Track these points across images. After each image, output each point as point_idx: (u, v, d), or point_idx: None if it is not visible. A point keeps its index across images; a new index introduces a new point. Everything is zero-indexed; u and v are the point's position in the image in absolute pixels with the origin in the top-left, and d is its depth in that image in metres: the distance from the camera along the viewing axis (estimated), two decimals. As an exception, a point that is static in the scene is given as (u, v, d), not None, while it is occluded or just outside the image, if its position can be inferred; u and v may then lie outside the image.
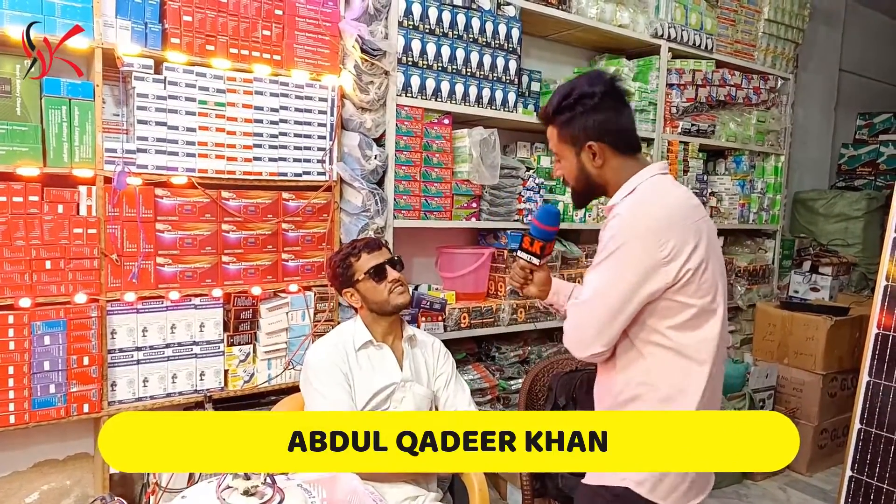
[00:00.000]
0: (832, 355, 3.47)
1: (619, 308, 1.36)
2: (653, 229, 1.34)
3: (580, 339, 1.43)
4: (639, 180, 1.45)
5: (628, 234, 1.35)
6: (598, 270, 1.41)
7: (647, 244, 1.34)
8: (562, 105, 1.46)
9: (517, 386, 2.81)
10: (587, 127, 1.45)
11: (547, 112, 1.51)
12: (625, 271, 1.35)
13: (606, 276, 1.38)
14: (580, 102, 1.44)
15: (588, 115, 1.44)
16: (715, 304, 1.40)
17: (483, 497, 1.82)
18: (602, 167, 1.47)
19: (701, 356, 1.40)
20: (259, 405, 2.30)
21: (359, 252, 1.92)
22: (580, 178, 1.51)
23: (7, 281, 1.85)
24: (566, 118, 1.47)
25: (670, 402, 1.41)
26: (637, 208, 1.39)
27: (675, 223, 1.36)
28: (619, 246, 1.35)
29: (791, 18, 4.04)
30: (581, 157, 1.48)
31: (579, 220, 3.10)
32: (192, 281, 2.14)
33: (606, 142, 1.45)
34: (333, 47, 2.34)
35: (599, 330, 1.39)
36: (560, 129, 1.49)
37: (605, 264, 1.39)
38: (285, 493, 0.98)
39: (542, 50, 3.32)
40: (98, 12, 1.93)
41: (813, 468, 3.53)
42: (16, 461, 2.12)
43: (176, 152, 2.07)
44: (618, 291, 1.36)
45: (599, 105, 1.44)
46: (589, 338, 1.40)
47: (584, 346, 1.42)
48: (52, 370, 1.93)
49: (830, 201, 4.68)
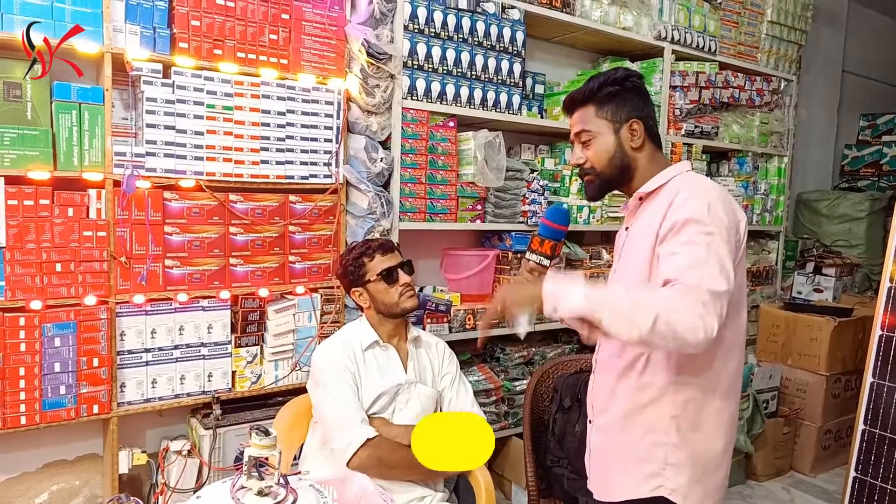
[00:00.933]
0: (836, 356, 3.47)
1: (727, 279, 1.21)
2: (725, 207, 1.30)
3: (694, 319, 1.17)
4: (673, 172, 1.43)
5: (709, 212, 1.26)
6: (688, 246, 1.24)
7: (725, 224, 1.27)
8: (609, 80, 1.45)
9: (522, 387, 2.83)
10: (633, 105, 1.45)
11: (589, 89, 1.46)
12: (720, 247, 1.24)
13: (705, 247, 1.23)
14: (628, 79, 1.45)
15: (633, 93, 1.45)
16: (743, 300, 1.40)
17: (489, 497, 1.83)
18: (639, 149, 1.45)
19: (727, 352, 1.37)
20: (266, 406, 2.32)
21: (372, 253, 1.92)
22: (614, 157, 1.45)
23: (18, 283, 1.88)
24: (612, 92, 1.44)
25: (696, 402, 1.36)
26: (697, 183, 1.36)
27: (731, 205, 1.34)
28: (708, 226, 1.25)
29: (794, 20, 4.05)
30: (621, 134, 1.45)
31: (583, 221, 3.12)
32: (200, 283, 2.16)
33: (646, 125, 1.45)
34: (340, 51, 2.36)
35: (724, 275, 1.22)
36: (601, 106, 1.46)
37: (698, 240, 1.24)
38: (298, 493, 1.00)
39: (546, 53, 3.33)
40: (108, 18, 1.95)
41: (817, 469, 3.54)
42: (26, 462, 2.14)
43: (184, 156, 2.09)
44: (719, 256, 1.23)
45: (641, 88, 1.47)
46: (711, 316, 1.18)
47: (702, 328, 1.17)
48: (63, 371, 1.95)
49: (834, 202, 4.68)
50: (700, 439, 1.37)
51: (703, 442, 1.38)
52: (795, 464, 3.58)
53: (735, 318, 1.36)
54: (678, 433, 1.37)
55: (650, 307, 1.15)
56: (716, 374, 1.37)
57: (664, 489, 1.37)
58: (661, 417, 1.38)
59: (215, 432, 2.15)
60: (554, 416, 2.19)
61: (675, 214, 1.30)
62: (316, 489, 1.05)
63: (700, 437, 1.37)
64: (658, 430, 1.38)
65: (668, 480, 1.36)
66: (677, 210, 1.30)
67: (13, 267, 1.86)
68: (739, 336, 1.40)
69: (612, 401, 1.47)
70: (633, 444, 1.42)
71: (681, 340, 1.16)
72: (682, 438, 1.37)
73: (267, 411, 2.29)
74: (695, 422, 1.37)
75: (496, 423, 2.74)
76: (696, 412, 1.37)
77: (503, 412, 2.81)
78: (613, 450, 1.47)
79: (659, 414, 1.38)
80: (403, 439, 1.78)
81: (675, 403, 1.36)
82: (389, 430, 1.80)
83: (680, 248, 1.26)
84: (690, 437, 1.37)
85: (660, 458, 1.38)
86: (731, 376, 1.39)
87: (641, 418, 1.41)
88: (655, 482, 1.37)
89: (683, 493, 1.36)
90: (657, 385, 1.38)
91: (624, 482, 1.44)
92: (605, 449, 1.50)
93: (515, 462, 2.82)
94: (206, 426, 2.16)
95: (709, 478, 1.39)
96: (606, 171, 1.47)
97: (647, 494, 1.38)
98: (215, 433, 2.15)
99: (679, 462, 1.36)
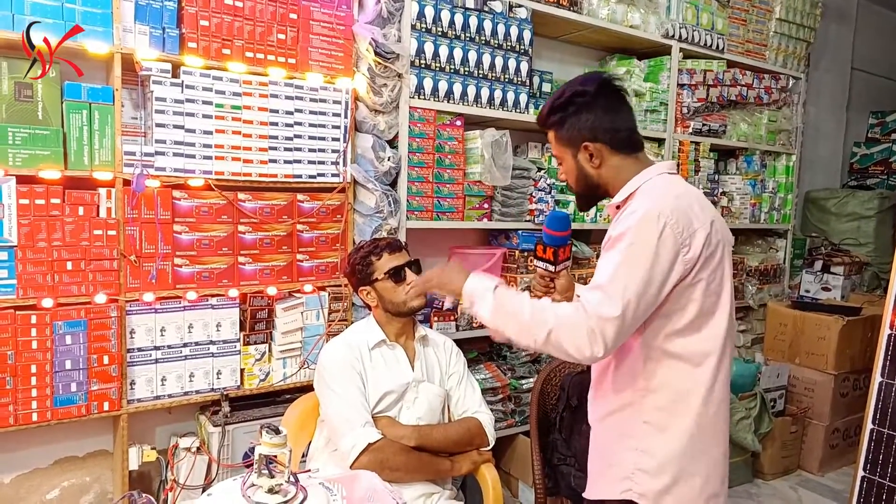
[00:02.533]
0: (844, 355, 3.46)
1: (646, 294, 1.26)
2: (670, 223, 1.27)
3: (579, 341, 1.27)
4: (642, 179, 1.40)
5: (648, 227, 1.27)
6: (617, 258, 1.29)
7: (666, 235, 1.26)
8: (554, 106, 1.44)
9: (528, 385, 2.83)
10: (581, 127, 1.41)
11: (542, 115, 1.48)
12: (639, 263, 1.26)
13: (630, 262, 1.28)
14: (572, 102, 1.41)
15: (581, 115, 1.41)
16: (722, 305, 1.36)
17: (497, 495, 1.84)
18: (600, 167, 1.42)
19: (703, 361, 1.35)
20: (274, 404, 2.33)
21: (380, 252, 1.93)
22: (580, 179, 1.46)
23: (30, 282, 1.90)
24: (559, 118, 1.43)
25: (668, 409, 1.36)
26: (654, 200, 1.32)
27: (688, 218, 1.30)
28: (633, 240, 1.27)
29: (803, 17, 4.03)
30: (578, 158, 1.44)
31: (590, 220, 3.12)
32: (209, 281, 2.17)
33: (603, 141, 1.40)
34: (347, 50, 2.37)
35: (634, 297, 1.26)
36: (556, 132, 1.46)
37: (628, 253, 1.28)
38: (308, 490, 1.01)
39: (553, 51, 3.33)
40: (117, 18, 1.96)
41: (824, 468, 3.53)
42: (37, 458, 2.16)
43: (193, 155, 2.10)
44: (644, 277, 1.26)
45: (592, 103, 1.40)
46: (621, 300, 1.26)
47: (588, 349, 1.27)
48: (74, 369, 1.97)
49: (842, 200, 4.66)
50: (671, 446, 1.36)
51: (674, 449, 1.36)
52: (803, 463, 3.58)
53: (706, 325, 1.35)
54: (647, 438, 1.37)
55: (544, 324, 1.28)
56: (690, 382, 1.36)
57: (633, 493, 1.38)
58: (633, 422, 1.39)
59: (224, 429, 2.16)
60: (561, 414, 2.19)
61: (612, 230, 1.36)
62: (325, 487, 1.06)
63: (671, 444, 1.36)
64: (630, 435, 1.40)
65: (637, 485, 1.37)
66: (615, 225, 1.36)
67: (25, 265, 1.88)
68: (713, 342, 1.36)
69: (594, 403, 1.52)
70: (608, 446, 1.45)
71: (570, 355, 1.27)
72: (651, 444, 1.37)
73: (275, 409, 2.30)
74: (666, 428, 1.36)
75: (503, 422, 2.75)
76: (667, 419, 1.36)
77: (510, 410, 2.81)
78: (594, 450, 1.52)
79: (631, 419, 1.40)
80: (409, 441, 1.78)
81: (646, 410, 1.37)
82: (395, 431, 1.80)
83: (600, 263, 1.34)
84: (658, 443, 1.37)
85: (630, 462, 1.39)
86: (706, 383, 1.36)
87: (615, 422, 1.43)
88: (625, 485, 1.39)
89: (653, 498, 1.36)
90: (630, 390, 1.39)
91: (600, 482, 1.48)
92: (591, 448, 1.54)
93: (522, 460, 2.83)
94: (215, 423, 2.18)
95: (681, 486, 1.36)
96: (579, 190, 1.51)
97: (618, 496, 1.40)
98: (224, 430, 2.16)
99: (649, 468, 1.37)
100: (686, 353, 1.35)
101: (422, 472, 1.80)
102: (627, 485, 1.38)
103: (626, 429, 1.40)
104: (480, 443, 1.94)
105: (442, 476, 1.88)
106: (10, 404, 1.88)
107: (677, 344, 1.34)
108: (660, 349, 1.35)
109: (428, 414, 1.89)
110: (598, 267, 1.35)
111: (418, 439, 1.80)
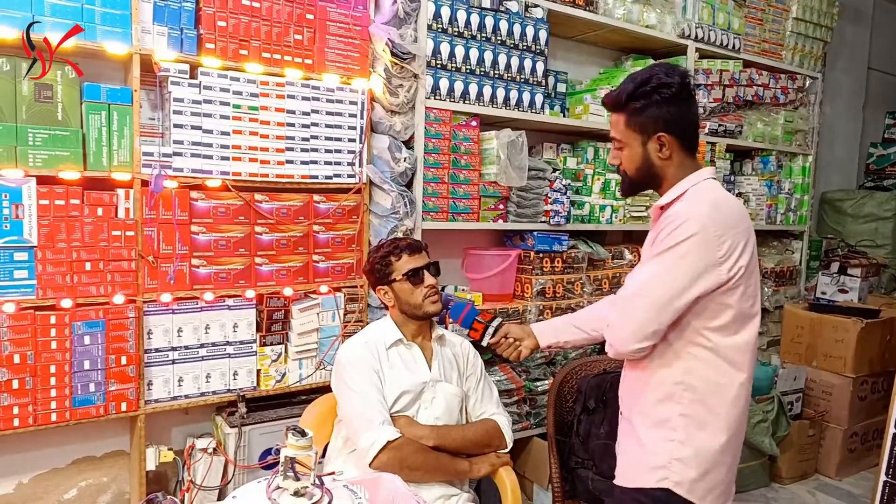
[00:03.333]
0: (862, 358, 3.42)
1: (667, 302, 1.37)
2: (711, 228, 1.35)
3: (624, 331, 1.43)
4: (691, 182, 1.46)
5: (687, 231, 1.35)
6: (650, 264, 1.41)
7: (704, 242, 1.35)
8: (638, 92, 1.44)
9: (543, 387, 2.82)
10: (661, 117, 1.44)
11: (619, 98, 1.48)
12: (679, 267, 1.36)
13: (658, 271, 1.39)
14: (658, 91, 1.43)
15: (663, 105, 1.43)
16: (755, 309, 1.44)
17: (516, 497, 1.83)
18: (667, 160, 1.47)
19: (738, 359, 1.43)
20: (291, 405, 2.33)
21: (400, 252, 1.91)
22: (642, 167, 1.50)
23: (49, 282, 1.90)
24: (641, 105, 1.45)
25: (704, 403, 1.43)
26: (695, 207, 1.39)
27: (731, 224, 1.38)
28: (677, 242, 1.36)
29: (820, 17, 3.99)
30: (648, 146, 1.47)
31: (605, 221, 3.10)
32: (226, 282, 2.17)
33: (675, 135, 1.45)
34: (364, 51, 2.36)
35: (644, 323, 1.39)
36: (630, 116, 1.47)
37: (660, 259, 1.39)
38: (333, 493, 1.00)
39: (569, 51, 3.32)
40: (136, 19, 1.97)
41: (843, 472, 3.49)
42: (56, 458, 2.17)
43: (210, 156, 2.10)
44: (668, 286, 1.37)
45: (676, 97, 1.43)
46: (632, 331, 1.41)
47: (627, 340, 1.42)
48: (92, 369, 1.98)
49: (859, 201, 4.61)
50: (706, 438, 1.44)
51: (708, 440, 1.44)
52: (821, 467, 3.54)
53: (742, 329, 1.43)
54: (685, 430, 1.44)
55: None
56: (726, 378, 1.44)
57: (669, 482, 1.44)
58: (671, 415, 1.45)
59: (241, 430, 2.16)
60: (578, 417, 2.17)
61: (657, 232, 1.43)
62: (350, 489, 1.05)
63: (706, 436, 1.44)
64: (667, 427, 1.46)
65: (674, 474, 1.44)
66: (661, 229, 1.41)
67: (45, 266, 1.89)
68: (748, 342, 1.45)
69: (631, 395, 1.57)
70: (645, 436, 1.50)
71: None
72: (689, 436, 1.44)
73: (291, 410, 2.30)
74: (702, 421, 1.44)
75: (518, 424, 2.73)
76: (705, 413, 1.44)
77: (525, 412, 2.80)
78: (628, 441, 1.57)
79: (669, 411, 1.46)
80: (427, 440, 1.77)
81: (684, 402, 1.44)
82: (414, 430, 1.79)
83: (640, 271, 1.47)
84: (697, 435, 1.44)
85: (667, 453, 1.45)
86: (741, 379, 1.44)
87: (653, 413, 1.49)
88: (662, 474, 1.45)
89: (688, 487, 1.43)
90: (668, 384, 1.46)
91: (634, 471, 1.53)
92: (624, 438, 1.60)
93: (537, 462, 2.81)
94: (232, 424, 2.18)
95: (711, 474, 1.44)
96: (636, 177, 1.54)
97: (653, 485, 1.46)
98: (241, 431, 2.16)
99: (686, 458, 1.43)
100: (724, 351, 1.42)
101: (440, 472, 1.79)
102: (664, 473, 1.44)
103: (663, 421, 1.46)
104: (499, 444, 1.93)
105: (460, 477, 1.87)
106: (30, 404, 1.89)
107: (716, 340, 1.41)
108: (699, 344, 1.42)
109: (445, 414, 1.88)
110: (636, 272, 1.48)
111: (437, 439, 1.79)
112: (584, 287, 2.98)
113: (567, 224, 2.89)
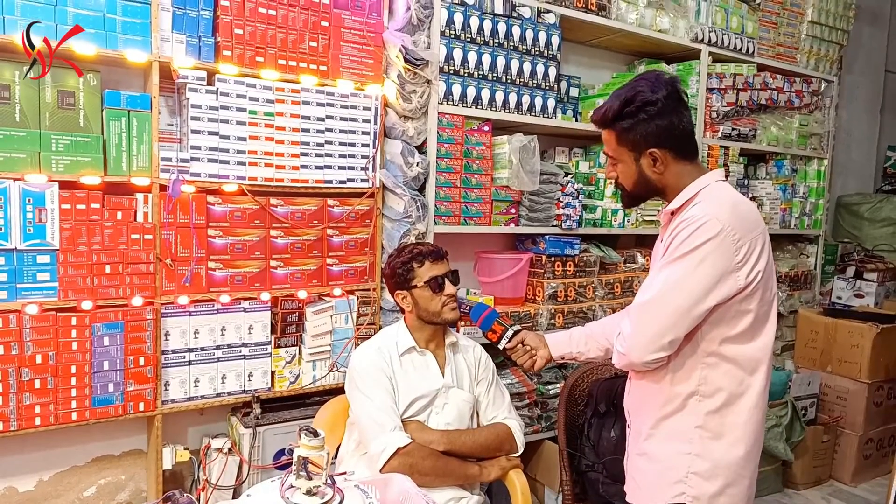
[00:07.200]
0: (878, 363, 3.39)
1: (686, 310, 1.33)
2: (730, 231, 1.32)
3: (640, 341, 1.37)
4: (700, 185, 1.43)
5: (706, 233, 1.32)
6: (666, 270, 1.37)
7: (722, 246, 1.32)
8: (623, 112, 1.43)
9: (555, 391, 2.83)
10: (648, 133, 1.42)
11: (606, 117, 1.46)
12: (698, 273, 1.32)
13: (676, 277, 1.34)
14: (643, 110, 1.41)
15: (650, 122, 1.41)
16: (773, 313, 1.41)
17: (526, 500, 1.85)
18: (663, 173, 1.44)
19: (755, 365, 1.40)
20: (304, 406, 2.36)
21: (423, 259, 1.93)
22: (639, 182, 1.48)
23: (71, 284, 1.95)
24: (627, 125, 1.43)
25: (720, 413, 1.40)
26: (713, 209, 1.35)
27: (749, 228, 1.35)
28: (696, 246, 1.32)
29: (835, 20, 3.97)
30: (641, 162, 1.45)
31: (618, 225, 3.10)
32: (242, 285, 2.21)
33: (667, 147, 1.42)
34: (377, 58, 2.39)
35: (662, 333, 1.34)
36: (619, 135, 1.46)
37: (676, 265, 1.35)
38: (344, 493, 1.03)
39: (581, 56, 3.33)
40: (156, 27, 2.01)
41: (858, 478, 3.46)
42: (74, 456, 2.21)
43: (227, 161, 2.14)
44: (687, 293, 1.32)
45: (662, 111, 1.41)
46: (648, 340, 1.36)
47: (643, 350, 1.37)
48: (111, 370, 2.02)
49: (876, 205, 4.57)
50: (723, 450, 1.40)
51: (725, 452, 1.40)
52: (835, 473, 3.51)
53: (760, 333, 1.40)
54: (701, 442, 1.40)
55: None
56: (743, 388, 1.40)
57: (686, 496, 1.40)
58: (685, 427, 1.42)
59: (255, 431, 2.20)
60: (589, 420, 2.18)
61: (670, 236, 1.40)
62: (361, 489, 1.07)
63: (723, 448, 1.40)
64: (682, 439, 1.42)
65: (691, 488, 1.40)
66: (673, 233, 1.39)
67: (66, 269, 1.94)
68: (765, 349, 1.42)
69: (641, 408, 1.52)
70: (659, 450, 1.46)
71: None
72: (705, 448, 1.40)
73: (304, 411, 2.33)
74: (718, 432, 1.40)
75: (529, 427, 2.74)
76: (719, 423, 1.40)
77: (536, 415, 2.81)
78: (641, 456, 1.52)
79: (683, 423, 1.42)
80: (438, 445, 1.79)
81: (699, 414, 1.40)
82: (425, 435, 1.81)
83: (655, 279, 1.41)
84: (713, 447, 1.40)
85: (683, 466, 1.41)
86: (758, 389, 1.41)
87: (667, 426, 1.45)
88: (679, 489, 1.41)
89: (706, 501, 1.39)
90: (682, 396, 1.42)
91: (649, 487, 1.48)
92: (636, 453, 1.54)
93: (548, 465, 2.82)
94: (247, 425, 2.21)
95: (732, 489, 1.40)
96: (635, 192, 1.52)
97: (670, 500, 1.42)
98: (255, 432, 2.20)
99: (704, 472, 1.40)
100: (741, 359, 1.39)
101: (451, 477, 1.81)
102: (681, 488, 1.41)
103: (679, 434, 1.43)
104: (510, 448, 1.95)
105: (471, 482, 1.88)
106: (51, 403, 1.94)
107: (733, 350, 1.38)
108: (715, 354, 1.39)
109: (457, 420, 1.90)
110: (651, 279, 1.43)
111: (447, 444, 1.81)
112: (596, 291, 2.99)
113: (579, 228, 2.90)
